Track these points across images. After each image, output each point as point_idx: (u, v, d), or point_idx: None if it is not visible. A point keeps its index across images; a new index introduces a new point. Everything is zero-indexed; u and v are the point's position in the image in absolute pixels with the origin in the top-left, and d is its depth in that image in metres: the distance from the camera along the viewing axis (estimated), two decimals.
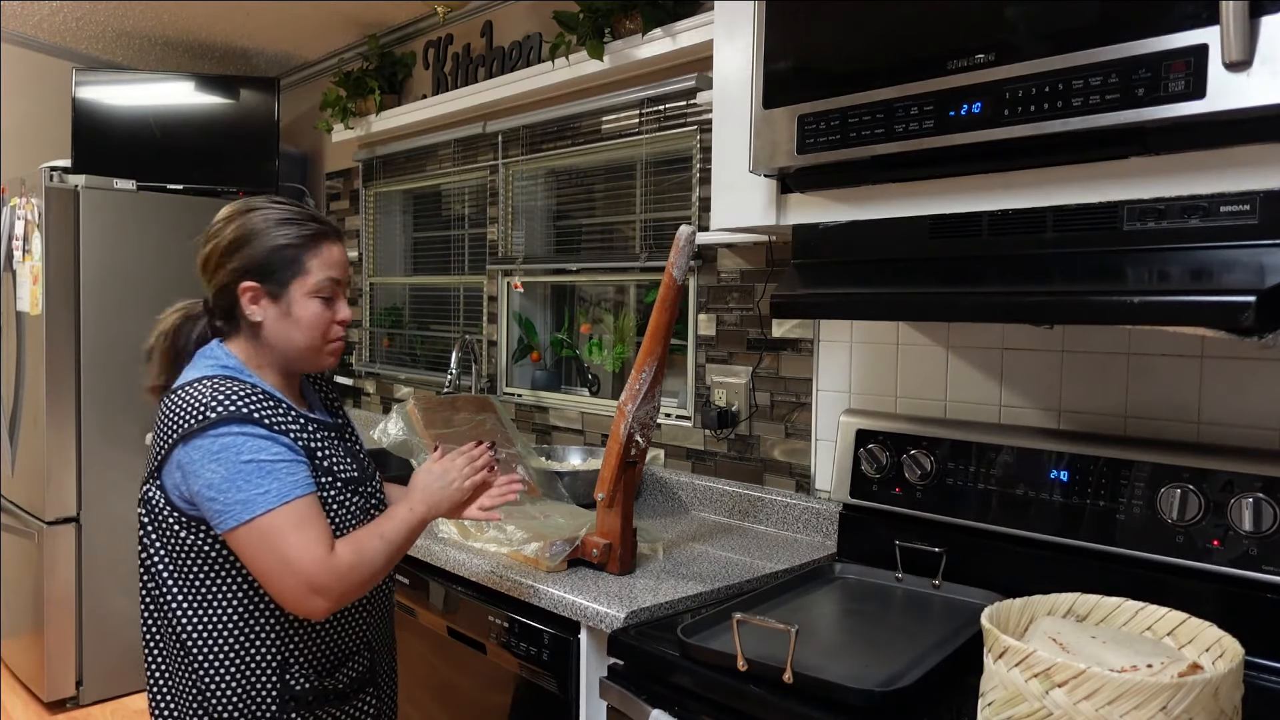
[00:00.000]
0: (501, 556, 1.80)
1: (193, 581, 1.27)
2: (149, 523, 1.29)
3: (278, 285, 1.31)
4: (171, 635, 1.29)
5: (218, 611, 1.27)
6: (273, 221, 1.33)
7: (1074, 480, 1.53)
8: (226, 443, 1.21)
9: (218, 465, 1.20)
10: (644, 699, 1.39)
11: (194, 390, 1.25)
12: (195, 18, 3.47)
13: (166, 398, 1.28)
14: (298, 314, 1.32)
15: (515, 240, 3.01)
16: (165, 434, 1.25)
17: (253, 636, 1.28)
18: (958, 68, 1.23)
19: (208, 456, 1.20)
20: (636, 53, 2.35)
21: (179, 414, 1.24)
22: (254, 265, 1.31)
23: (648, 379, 1.68)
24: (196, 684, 1.28)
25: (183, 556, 1.27)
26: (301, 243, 1.32)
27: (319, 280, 1.33)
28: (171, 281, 3.43)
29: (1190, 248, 1.14)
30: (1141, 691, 0.91)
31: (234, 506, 1.19)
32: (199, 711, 1.29)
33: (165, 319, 1.38)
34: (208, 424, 1.21)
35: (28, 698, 3.36)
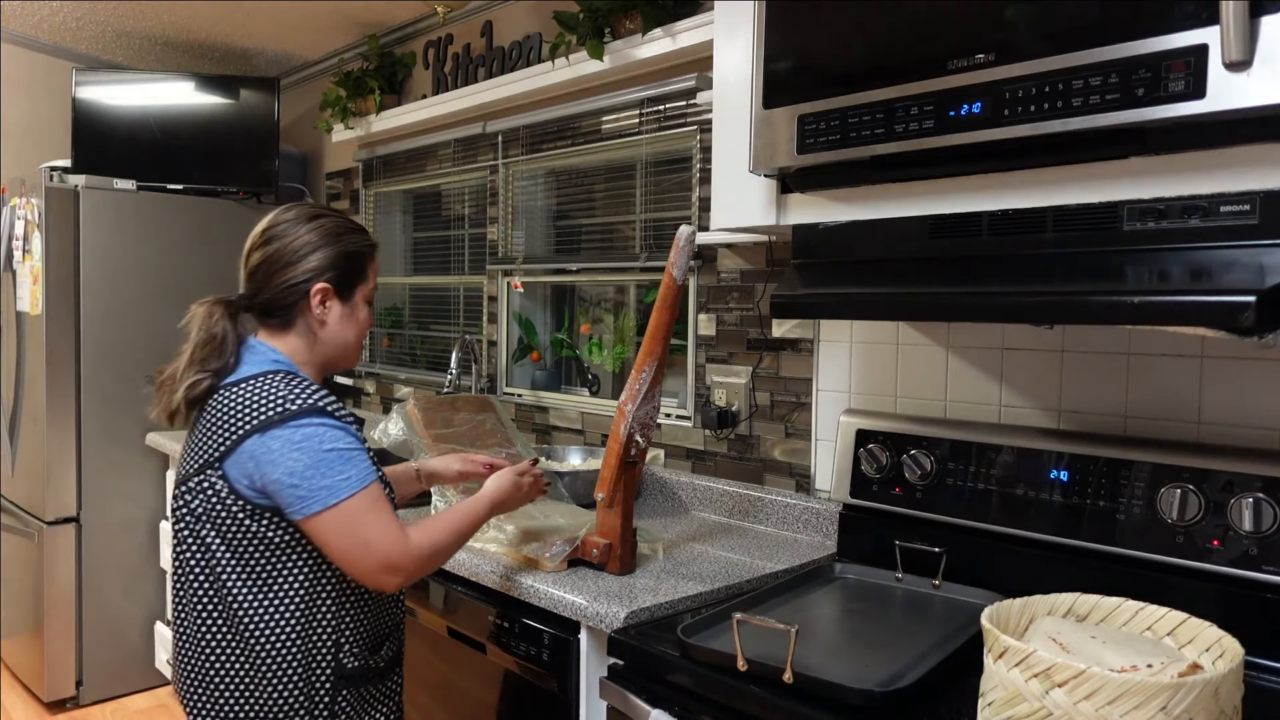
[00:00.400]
0: (501, 556, 1.80)
1: (253, 567, 1.31)
2: (204, 511, 1.31)
3: (347, 289, 1.43)
4: (225, 621, 1.32)
5: (278, 595, 1.32)
6: (344, 229, 1.44)
7: (1074, 480, 1.53)
8: (308, 433, 1.27)
9: (300, 454, 1.26)
10: (644, 699, 1.39)
11: (266, 384, 1.31)
12: (195, 18, 3.47)
13: (228, 390, 1.32)
14: (358, 316, 1.46)
15: (515, 240, 3.01)
16: (232, 425, 1.29)
17: (311, 619, 1.34)
18: (958, 68, 1.23)
19: (289, 446, 1.26)
20: (636, 53, 2.35)
21: (251, 406, 1.29)
22: (329, 268, 1.40)
23: (648, 379, 1.68)
24: (252, 669, 1.32)
25: (244, 543, 1.31)
26: (366, 251, 1.46)
27: (372, 286, 1.48)
28: (171, 281, 3.45)
29: (1190, 248, 1.14)
30: (1141, 691, 0.91)
31: (319, 492, 1.26)
32: (253, 696, 1.32)
33: (209, 314, 1.39)
34: (289, 415, 1.28)
35: (28, 698, 3.36)
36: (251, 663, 1.32)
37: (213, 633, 1.34)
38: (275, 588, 1.32)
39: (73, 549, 3.27)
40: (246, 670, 1.32)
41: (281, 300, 1.40)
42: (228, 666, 1.33)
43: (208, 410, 1.34)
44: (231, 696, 1.33)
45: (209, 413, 1.33)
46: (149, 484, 3.42)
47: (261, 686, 1.32)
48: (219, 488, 1.30)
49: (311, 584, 1.34)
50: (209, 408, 1.34)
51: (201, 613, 1.34)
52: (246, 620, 1.31)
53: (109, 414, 3.32)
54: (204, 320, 1.38)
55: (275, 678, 1.32)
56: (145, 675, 3.44)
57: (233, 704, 1.33)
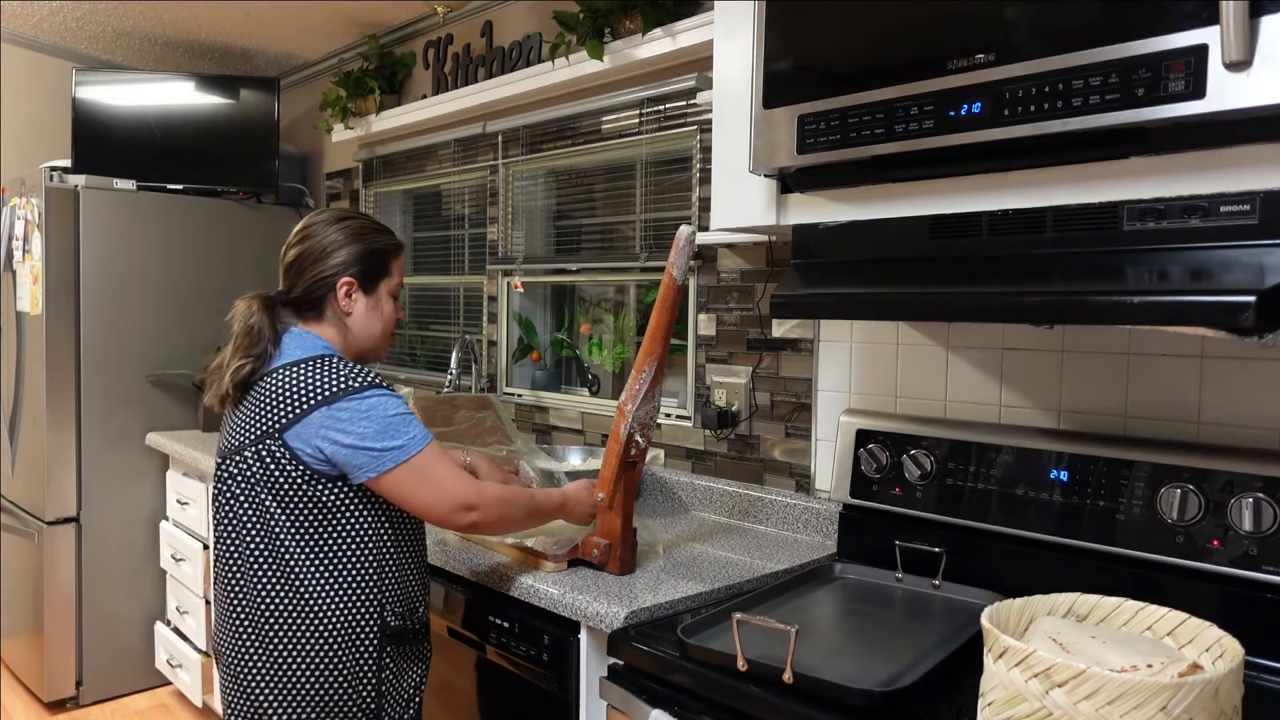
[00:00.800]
0: (501, 557, 1.80)
1: (309, 529, 1.44)
2: (263, 477, 1.44)
3: (371, 283, 1.56)
4: (282, 582, 1.44)
5: (331, 556, 1.45)
6: (369, 229, 1.58)
7: (1074, 480, 1.53)
8: (373, 403, 1.43)
9: (369, 421, 1.42)
10: (644, 699, 1.39)
11: (326, 365, 1.46)
12: (195, 18, 3.47)
13: (286, 371, 1.45)
14: (382, 309, 1.59)
15: (515, 240, 3.01)
16: (296, 399, 1.43)
17: (361, 578, 1.47)
18: (958, 68, 1.23)
19: (357, 415, 1.41)
20: (636, 53, 2.35)
21: (317, 382, 1.43)
22: (354, 263, 1.54)
23: (648, 379, 1.68)
24: (308, 626, 1.44)
25: (301, 507, 1.44)
26: (390, 249, 1.60)
27: (397, 283, 1.62)
28: (171, 281, 3.45)
29: (1190, 248, 1.14)
30: (1141, 691, 0.91)
31: (391, 452, 1.42)
32: (309, 651, 1.44)
33: (248, 308, 1.51)
34: (353, 390, 1.43)
35: (28, 698, 3.36)
36: (307, 620, 1.44)
37: (270, 594, 1.45)
38: (329, 548, 1.45)
39: (73, 549, 3.27)
40: (303, 627, 1.44)
41: (312, 293, 1.54)
42: (285, 625, 1.44)
43: (261, 389, 1.46)
44: (289, 654, 1.44)
45: (263, 390, 1.46)
46: (149, 484, 3.42)
47: (316, 642, 1.44)
48: (279, 455, 1.43)
49: (361, 546, 1.47)
50: (262, 387, 1.47)
51: (258, 575, 1.45)
52: (304, 579, 1.44)
53: (109, 414, 3.32)
54: (244, 314, 1.50)
55: (329, 633, 1.45)
56: (145, 675, 3.44)
57: (290, 662, 1.44)
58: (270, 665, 1.44)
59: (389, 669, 1.51)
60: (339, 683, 1.46)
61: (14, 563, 3.47)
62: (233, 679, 1.48)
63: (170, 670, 3.27)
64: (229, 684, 1.50)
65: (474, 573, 1.77)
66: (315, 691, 1.45)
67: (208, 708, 3.12)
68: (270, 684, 1.44)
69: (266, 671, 1.45)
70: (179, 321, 3.47)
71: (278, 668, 1.44)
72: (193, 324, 3.50)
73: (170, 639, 3.25)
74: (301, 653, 1.44)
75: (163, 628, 3.35)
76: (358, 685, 1.47)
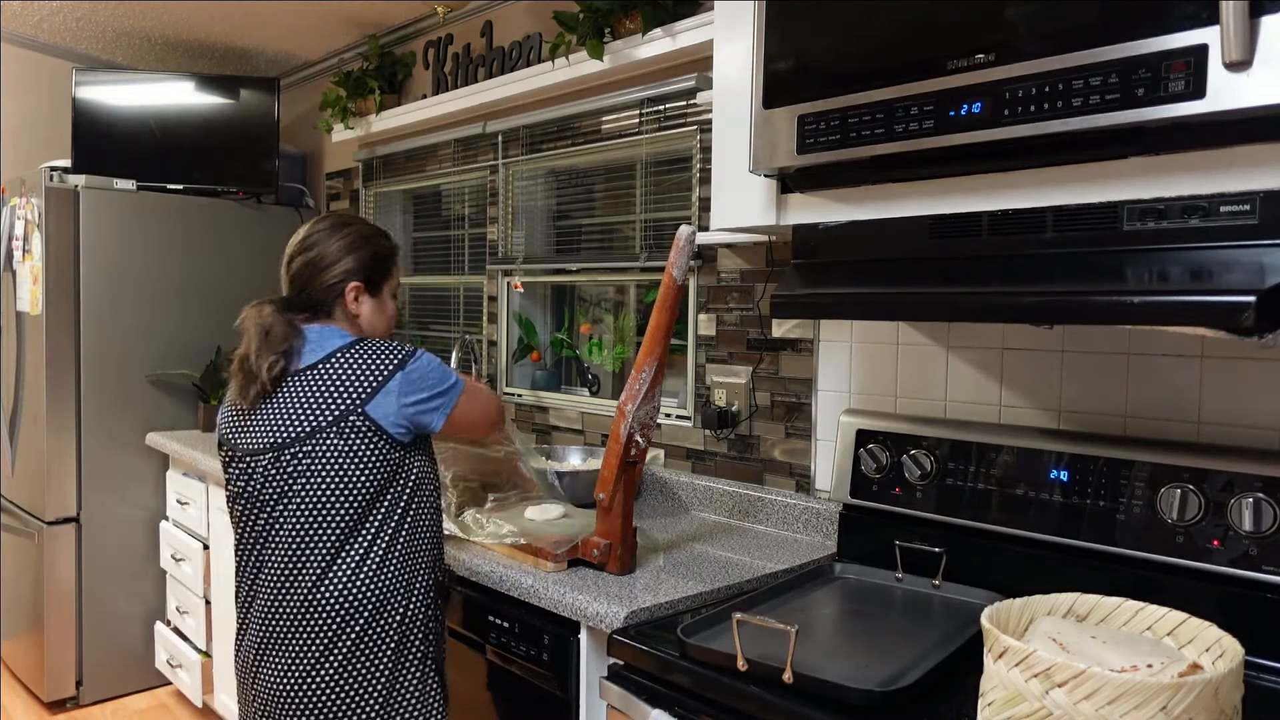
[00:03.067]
0: (501, 557, 1.80)
1: (393, 494, 1.56)
2: (346, 453, 1.53)
3: (375, 285, 1.67)
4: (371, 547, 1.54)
5: (411, 517, 1.58)
6: (369, 235, 1.68)
7: (1074, 480, 1.53)
8: (427, 359, 1.61)
9: (433, 373, 1.60)
10: (644, 699, 1.39)
11: (373, 345, 1.59)
12: (195, 18, 3.47)
13: (341, 356, 1.56)
14: (387, 309, 1.71)
15: (515, 240, 3.01)
16: (367, 377, 1.54)
17: (427, 535, 1.62)
18: (958, 68, 1.23)
19: (426, 372, 1.58)
20: (636, 53, 2.35)
21: (378, 360, 1.56)
22: (360, 269, 1.65)
23: (648, 379, 1.68)
24: (388, 585, 1.54)
25: (386, 474, 1.55)
26: (390, 252, 1.71)
27: (397, 282, 1.73)
28: (171, 281, 3.45)
29: (1190, 248, 1.14)
30: (1141, 691, 0.91)
31: (454, 388, 1.62)
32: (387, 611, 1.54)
33: (260, 312, 1.60)
34: (412, 354, 1.59)
35: (28, 698, 3.36)
36: (395, 579, 1.55)
37: (357, 564, 1.53)
38: (409, 510, 1.58)
39: (73, 549, 3.27)
40: (380, 588, 1.54)
41: (322, 297, 1.63)
42: (374, 589, 1.53)
43: (316, 375, 1.55)
44: (378, 615, 1.53)
45: (323, 375, 1.55)
46: (149, 484, 3.42)
47: (393, 601, 1.55)
48: (362, 428, 1.53)
49: (428, 504, 1.63)
50: (317, 373, 1.55)
51: (344, 548, 1.53)
52: (391, 542, 1.55)
53: (109, 414, 3.32)
54: (256, 317, 1.58)
55: (407, 590, 1.56)
56: (145, 675, 3.44)
57: (377, 624, 1.53)
58: (382, 633, 1.53)
59: (435, 622, 1.64)
60: (409, 642, 1.56)
61: (14, 563, 3.47)
62: (300, 664, 1.50)
63: (170, 670, 3.27)
64: (291, 672, 1.50)
65: (474, 573, 1.77)
66: (396, 646, 1.55)
67: (208, 708, 3.12)
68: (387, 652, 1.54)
69: (381, 641, 1.53)
70: (179, 321, 3.47)
71: (365, 633, 1.52)
72: (193, 324, 3.50)
73: (170, 639, 3.25)
74: (390, 610, 1.54)
75: (163, 628, 3.35)
76: (420, 643, 1.59)
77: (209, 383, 3.45)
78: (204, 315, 3.52)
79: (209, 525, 3.01)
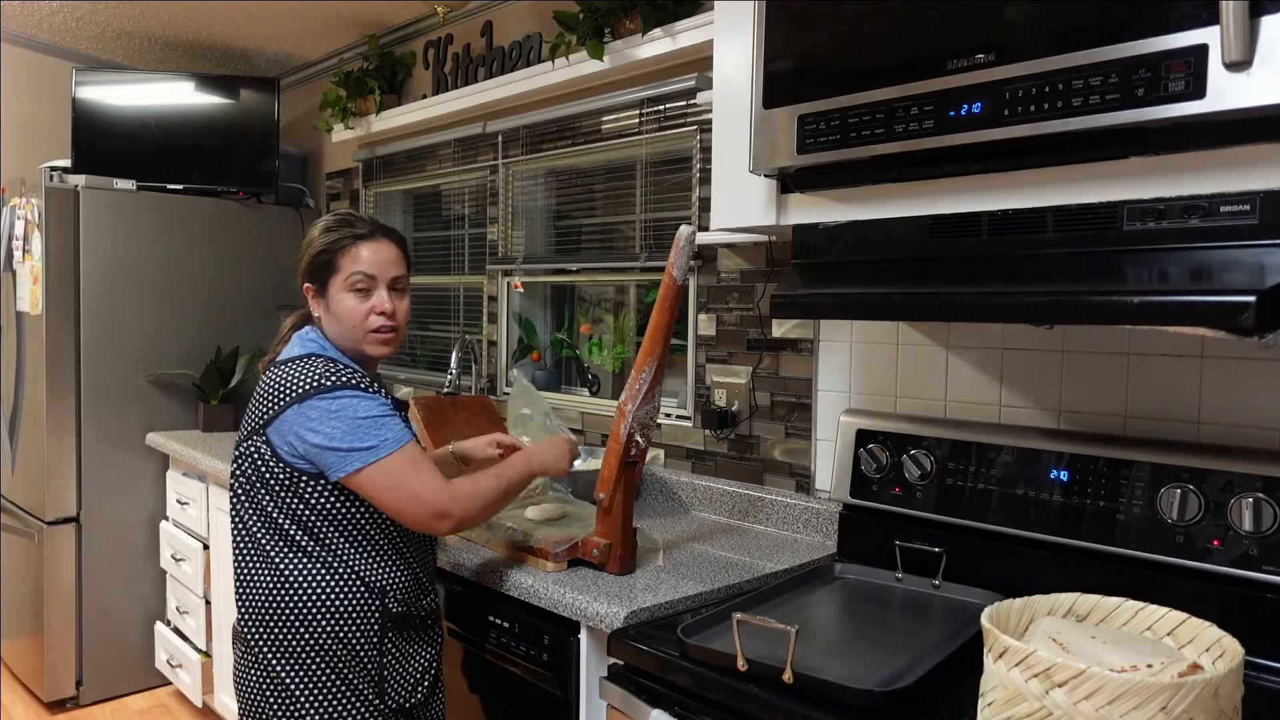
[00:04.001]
0: (501, 557, 1.80)
1: (301, 521, 1.49)
2: (254, 474, 1.50)
3: (321, 285, 1.58)
4: (283, 568, 1.49)
5: (323, 547, 1.50)
6: (318, 231, 1.60)
7: (1074, 480, 1.53)
8: (343, 404, 1.45)
9: (337, 421, 1.44)
10: (644, 699, 1.39)
11: (304, 364, 1.50)
12: (195, 18, 3.47)
13: (275, 369, 1.52)
14: (335, 308, 1.57)
15: (515, 240, 3.01)
16: (276, 397, 1.48)
17: (352, 567, 1.51)
18: (958, 68, 1.23)
19: (326, 415, 1.45)
20: (636, 53, 2.35)
21: (293, 381, 1.48)
22: (308, 269, 1.59)
23: (648, 379, 1.68)
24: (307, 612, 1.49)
25: (289, 499, 1.49)
26: (335, 245, 1.57)
27: (348, 275, 1.56)
28: (172, 281, 3.45)
29: (1190, 248, 1.14)
30: (1141, 691, 0.91)
31: (358, 453, 1.44)
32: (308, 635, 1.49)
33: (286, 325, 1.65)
34: (324, 389, 1.46)
35: (28, 698, 3.36)
36: (308, 604, 1.49)
37: (274, 579, 1.50)
38: (321, 539, 1.50)
39: (73, 549, 3.27)
40: (305, 611, 1.49)
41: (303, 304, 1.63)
42: (290, 608, 1.49)
43: (258, 386, 1.54)
44: (295, 635, 1.49)
45: (259, 388, 1.54)
46: (149, 484, 3.42)
47: (317, 624, 1.49)
48: (263, 452, 1.49)
49: (351, 537, 1.51)
50: (260, 384, 1.55)
51: (262, 562, 1.51)
52: (300, 568, 1.49)
53: (109, 414, 3.32)
54: (283, 332, 1.64)
55: (327, 617, 1.49)
56: (145, 675, 3.44)
57: (297, 641, 1.49)
58: (281, 642, 1.50)
59: (391, 653, 1.55)
60: (341, 663, 1.51)
61: (14, 563, 3.47)
62: (252, 657, 1.54)
63: (170, 670, 3.27)
64: (248, 662, 1.55)
65: (474, 573, 1.77)
66: (322, 669, 1.50)
67: (207, 708, 3.12)
68: (283, 658, 1.50)
69: (279, 648, 1.50)
70: (179, 321, 3.47)
71: (288, 645, 1.50)
72: (193, 324, 3.50)
73: (170, 639, 3.25)
74: (306, 634, 1.49)
75: (163, 628, 3.35)
76: (359, 667, 1.52)
77: (209, 383, 3.45)
78: (204, 315, 3.52)
79: (209, 525, 3.01)
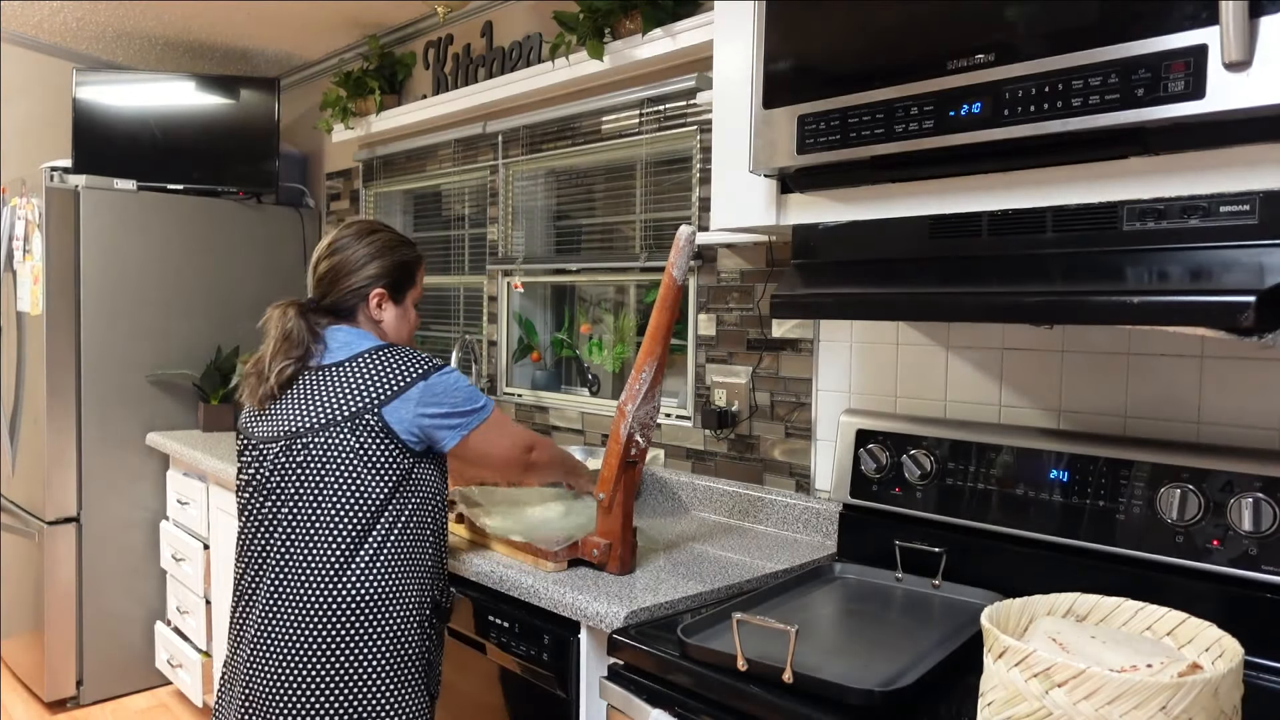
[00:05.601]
0: (501, 557, 1.80)
1: (400, 500, 1.56)
2: (356, 451, 1.53)
3: (399, 293, 1.71)
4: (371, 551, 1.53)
5: (414, 528, 1.58)
6: (395, 243, 1.71)
7: (1074, 480, 1.53)
8: (455, 377, 1.62)
9: (458, 391, 1.61)
10: (644, 699, 1.39)
11: (399, 351, 1.60)
12: (195, 18, 3.47)
13: (371, 356, 1.58)
14: (410, 316, 1.75)
15: (515, 240, 3.01)
16: (391, 379, 1.56)
17: (429, 550, 1.62)
18: (958, 68, 1.23)
19: (449, 388, 1.59)
20: (636, 53, 2.35)
21: (405, 364, 1.58)
22: (384, 276, 1.68)
23: (648, 379, 1.68)
24: (387, 590, 1.53)
25: (395, 477, 1.55)
26: (414, 261, 1.74)
27: (420, 290, 1.77)
28: (172, 281, 3.45)
29: (1190, 248, 1.14)
30: (1141, 691, 0.91)
31: (478, 412, 1.63)
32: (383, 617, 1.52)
33: (284, 314, 1.62)
34: (439, 368, 1.61)
35: (28, 697, 3.36)
36: (388, 587, 1.53)
37: (354, 564, 1.51)
38: (414, 521, 1.58)
39: (73, 549, 3.27)
40: (382, 595, 1.52)
41: (345, 302, 1.66)
42: (366, 593, 1.51)
43: (341, 372, 1.57)
44: (365, 624, 1.51)
45: (347, 373, 1.56)
46: (149, 484, 3.42)
47: (392, 608, 1.53)
48: (375, 429, 1.54)
49: (433, 519, 1.63)
50: (343, 370, 1.57)
51: (345, 546, 1.52)
52: (391, 551, 1.54)
53: (109, 414, 3.32)
54: (280, 319, 1.61)
55: (404, 601, 1.55)
56: (145, 675, 3.44)
57: (364, 630, 1.51)
58: (342, 635, 1.49)
59: (431, 640, 1.62)
60: (402, 650, 1.54)
61: (14, 563, 3.47)
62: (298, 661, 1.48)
63: (170, 670, 3.27)
64: (283, 665, 1.48)
65: (474, 573, 1.77)
66: (381, 659, 1.52)
67: (208, 708, 3.12)
68: (336, 654, 1.49)
69: (335, 643, 1.49)
70: (179, 321, 3.47)
71: (350, 636, 1.50)
72: (193, 324, 3.50)
73: (170, 639, 3.25)
74: (377, 620, 1.52)
75: (163, 627, 3.35)
76: (416, 655, 1.56)
77: (209, 383, 3.45)
78: (204, 315, 3.52)
79: (209, 525, 3.01)
